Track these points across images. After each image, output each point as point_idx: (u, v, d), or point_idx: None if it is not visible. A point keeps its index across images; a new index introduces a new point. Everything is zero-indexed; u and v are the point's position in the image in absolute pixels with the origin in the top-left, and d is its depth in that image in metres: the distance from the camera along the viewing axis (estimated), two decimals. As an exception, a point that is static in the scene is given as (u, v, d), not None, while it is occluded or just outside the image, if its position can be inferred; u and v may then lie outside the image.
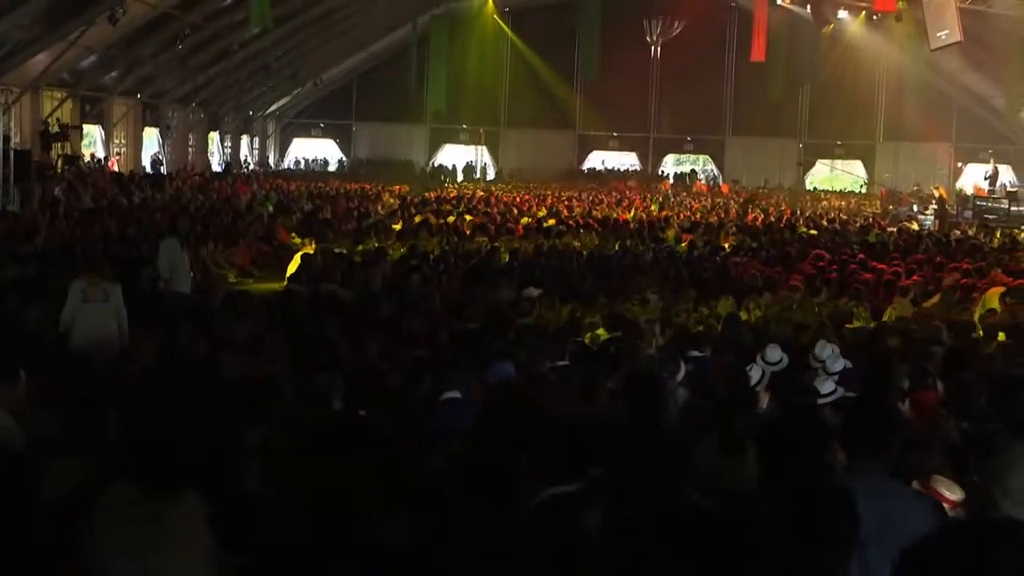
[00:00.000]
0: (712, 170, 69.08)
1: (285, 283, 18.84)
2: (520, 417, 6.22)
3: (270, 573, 4.82)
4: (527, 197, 46.12)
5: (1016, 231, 35.33)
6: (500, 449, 5.54)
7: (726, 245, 28.48)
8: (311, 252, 21.28)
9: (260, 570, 4.80)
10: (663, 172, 68.52)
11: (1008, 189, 47.36)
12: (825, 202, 53.87)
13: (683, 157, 70.52)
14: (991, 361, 11.99)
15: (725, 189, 60.57)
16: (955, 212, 43.54)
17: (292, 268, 19.93)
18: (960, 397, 10.11)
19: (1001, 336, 14.39)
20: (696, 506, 5.34)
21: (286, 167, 65.56)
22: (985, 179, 50.79)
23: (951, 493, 6.44)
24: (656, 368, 10.27)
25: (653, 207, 43.73)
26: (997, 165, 52.08)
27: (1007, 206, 43.01)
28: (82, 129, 40.21)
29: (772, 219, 38.00)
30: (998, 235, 33.39)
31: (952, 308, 17.94)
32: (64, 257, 18.08)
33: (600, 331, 13.91)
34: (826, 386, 9.85)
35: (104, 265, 13.04)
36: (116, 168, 42.38)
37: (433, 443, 6.96)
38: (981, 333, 15.06)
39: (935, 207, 43.40)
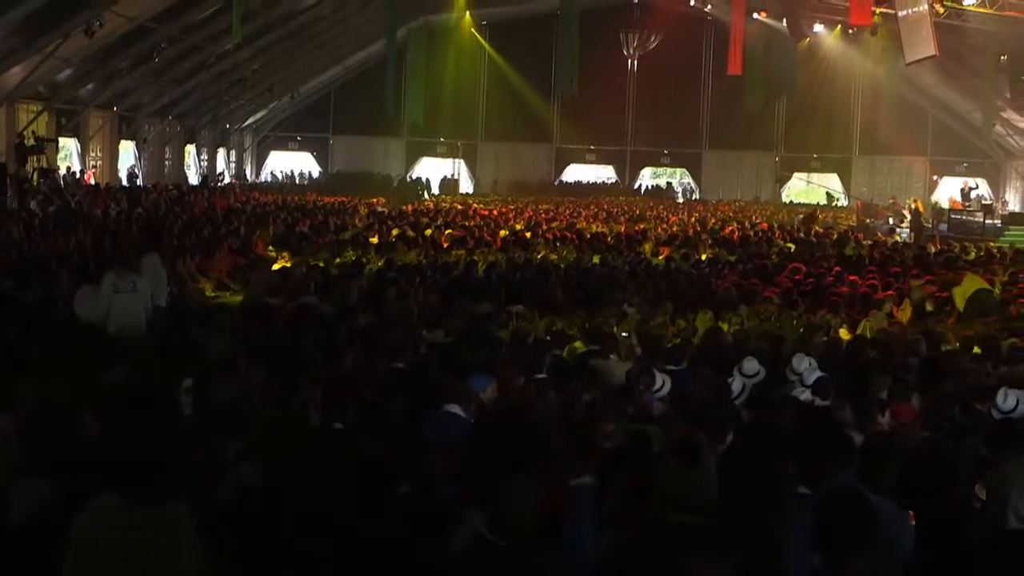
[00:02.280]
0: (689, 183, 69.22)
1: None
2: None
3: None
4: (504, 210, 46.15)
5: (991, 244, 35.50)
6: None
7: (703, 257, 28.58)
8: (288, 265, 21.30)
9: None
10: (639, 185, 68.64)
11: (983, 202, 47.62)
12: (802, 215, 53.93)
13: (660, 170, 70.62)
14: (966, 373, 12.06)
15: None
16: (931, 225, 43.74)
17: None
18: (935, 409, 10.17)
19: (976, 349, 14.47)
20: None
21: (263, 180, 65.43)
22: (963, 193, 50.96)
23: None
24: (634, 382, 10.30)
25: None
26: (976, 180, 52.40)
27: (982, 219, 43.24)
28: (58, 142, 40.06)
29: (749, 232, 38.06)
30: (973, 249, 33.53)
31: (927, 320, 18.06)
32: (40, 270, 18.02)
33: (577, 344, 13.92)
34: (802, 398, 9.92)
35: (131, 258, 14.17)
36: (92, 181, 42.21)
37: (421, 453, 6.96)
38: (957, 345, 15.14)
39: (910, 219, 43.63)
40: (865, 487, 5.88)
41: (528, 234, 32.28)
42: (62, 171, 40.55)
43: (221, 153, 61.29)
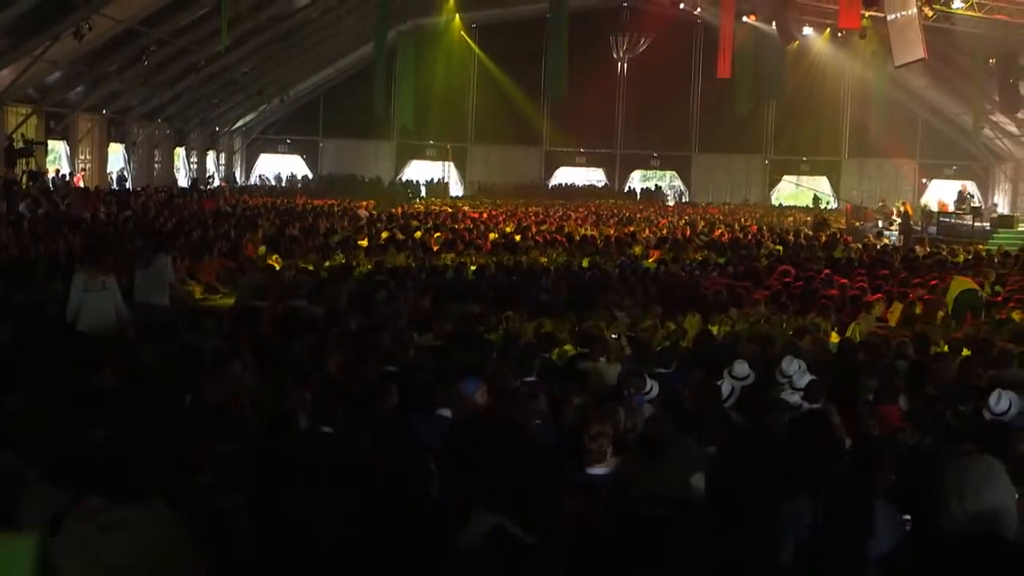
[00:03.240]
0: (679, 186, 69.30)
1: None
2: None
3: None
4: (494, 213, 46.13)
5: (980, 247, 35.55)
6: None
7: (694, 258, 28.59)
8: (277, 268, 21.28)
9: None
10: (630, 188, 68.67)
11: (972, 205, 47.67)
12: (791, 218, 54.03)
13: (650, 173, 70.71)
14: (955, 376, 12.06)
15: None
16: (920, 228, 43.81)
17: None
18: (925, 411, 10.18)
19: (965, 351, 14.49)
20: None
21: (252, 183, 65.37)
22: (960, 196, 50.85)
23: None
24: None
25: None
26: (966, 183, 52.44)
27: (971, 222, 43.29)
28: (47, 145, 39.97)
29: (739, 235, 38.08)
30: (961, 252, 33.56)
31: (916, 323, 18.06)
32: (29, 273, 18.02)
33: (568, 347, 13.90)
34: (792, 401, 9.92)
35: (102, 259, 14.87)
36: (81, 184, 42.15)
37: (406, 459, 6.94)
38: (946, 348, 15.16)
39: (899, 222, 43.72)
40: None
41: (518, 237, 32.26)
42: (51, 174, 40.50)
43: (211, 156, 61.23)
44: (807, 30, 56.52)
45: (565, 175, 69.54)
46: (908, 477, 6.97)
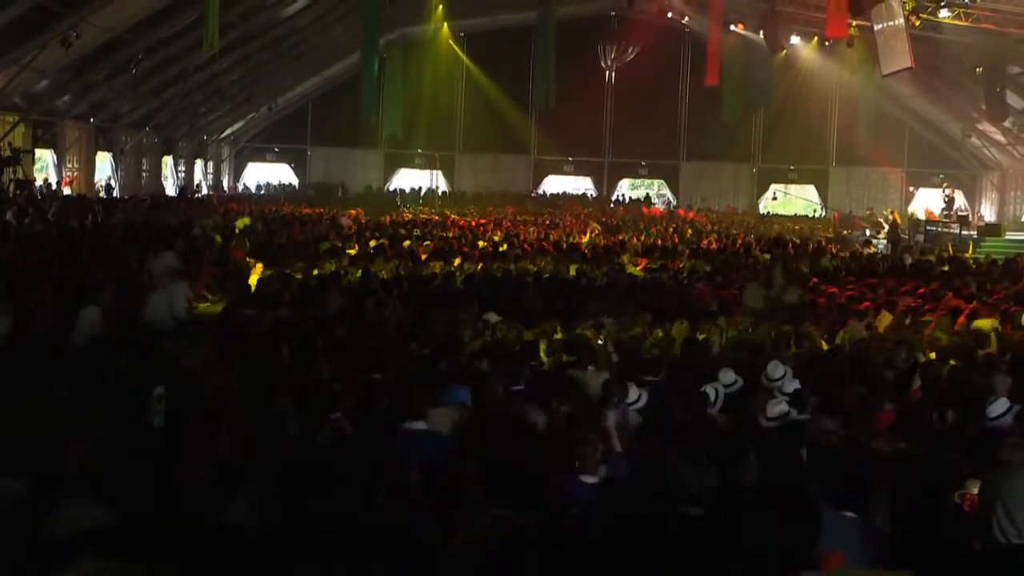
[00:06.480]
0: (667, 195, 69.26)
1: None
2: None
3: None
4: (483, 221, 46.11)
5: (967, 255, 35.60)
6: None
7: (681, 267, 28.62)
8: (266, 276, 21.26)
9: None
10: (617, 197, 68.60)
11: (959, 213, 47.76)
12: (779, 227, 54.05)
13: (638, 182, 70.64)
14: (943, 384, 12.08)
15: (683, 214, 60.36)
16: (907, 236, 43.88)
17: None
18: (913, 419, 10.19)
19: (952, 361, 14.51)
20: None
21: (239, 191, 65.24)
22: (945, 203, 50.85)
23: None
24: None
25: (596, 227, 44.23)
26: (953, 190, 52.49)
27: (958, 230, 43.37)
28: (34, 153, 39.88)
29: (727, 243, 38.11)
30: (947, 258, 33.60)
31: (904, 331, 18.09)
32: (17, 282, 17.96)
33: (564, 356, 13.87)
34: (779, 408, 9.92)
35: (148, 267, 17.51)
36: (68, 191, 42.05)
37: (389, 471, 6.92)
38: (933, 356, 15.18)
39: (888, 230, 43.79)
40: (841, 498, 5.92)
41: (505, 246, 32.24)
42: (38, 183, 40.41)
43: (199, 164, 61.13)
44: (795, 39, 56.63)
45: (553, 184, 69.45)
46: (906, 488, 6.95)
